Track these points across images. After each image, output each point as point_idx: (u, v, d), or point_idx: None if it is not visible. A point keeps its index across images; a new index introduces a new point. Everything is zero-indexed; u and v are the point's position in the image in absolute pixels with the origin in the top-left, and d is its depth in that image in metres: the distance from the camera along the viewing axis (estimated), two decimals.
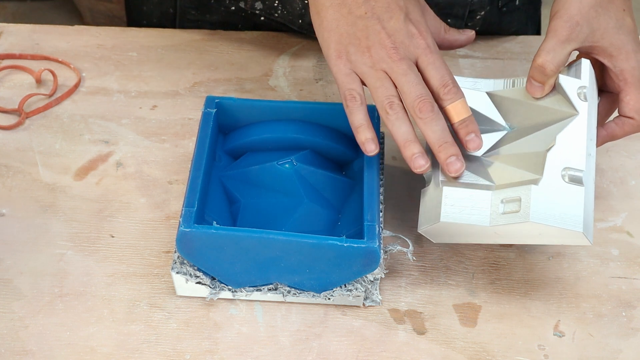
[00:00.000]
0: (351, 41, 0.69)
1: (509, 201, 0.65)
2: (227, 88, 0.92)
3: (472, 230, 0.67)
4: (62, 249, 0.75)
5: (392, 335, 0.70)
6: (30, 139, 0.86)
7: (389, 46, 0.68)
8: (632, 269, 0.75)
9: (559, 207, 0.64)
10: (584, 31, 0.69)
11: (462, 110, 0.68)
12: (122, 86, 0.93)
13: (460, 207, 0.67)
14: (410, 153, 0.68)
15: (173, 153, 0.85)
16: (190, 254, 0.68)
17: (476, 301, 0.72)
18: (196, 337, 0.69)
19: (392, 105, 0.67)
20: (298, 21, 0.95)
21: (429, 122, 0.67)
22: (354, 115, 0.69)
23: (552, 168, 0.65)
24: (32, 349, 0.68)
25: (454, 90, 0.68)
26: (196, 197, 0.68)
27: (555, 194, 0.64)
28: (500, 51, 0.98)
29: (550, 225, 0.63)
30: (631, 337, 0.70)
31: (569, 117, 0.68)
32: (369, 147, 0.69)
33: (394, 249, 0.71)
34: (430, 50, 0.69)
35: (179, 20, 1.01)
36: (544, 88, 0.70)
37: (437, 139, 0.67)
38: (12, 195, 0.80)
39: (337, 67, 0.69)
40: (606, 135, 0.74)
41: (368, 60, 0.68)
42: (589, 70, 0.71)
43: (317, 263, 0.67)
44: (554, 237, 0.65)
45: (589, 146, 0.67)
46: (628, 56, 0.70)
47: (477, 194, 0.67)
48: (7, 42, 0.97)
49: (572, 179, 0.65)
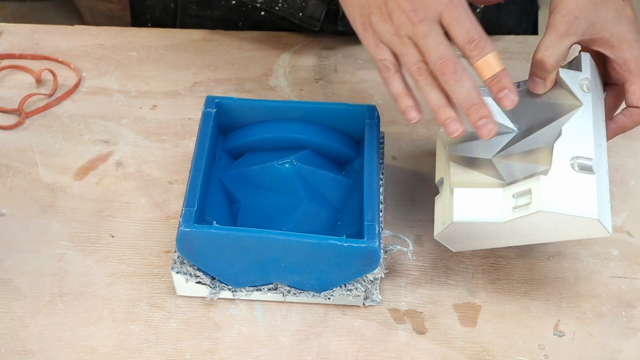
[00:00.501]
0: (372, 10, 0.67)
1: (520, 195, 0.64)
2: (227, 88, 0.92)
3: (488, 230, 0.66)
4: (62, 249, 0.75)
5: (392, 335, 0.70)
6: (30, 138, 0.86)
7: (408, 9, 0.65)
8: (632, 269, 0.75)
9: (571, 195, 0.62)
10: (583, 24, 0.69)
11: (491, 65, 0.64)
12: (122, 86, 0.93)
13: (473, 206, 0.66)
14: (443, 117, 0.65)
15: (173, 153, 0.85)
16: (190, 254, 0.68)
17: (476, 301, 0.72)
18: (196, 336, 0.69)
19: (420, 71, 0.65)
20: (299, 14, 0.95)
21: (453, 84, 0.64)
22: (390, 85, 0.67)
23: (561, 158, 0.64)
24: (32, 349, 0.68)
25: (481, 45, 0.63)
26: (196, 197, 0.68)
27: (566, 183, 0.63)
28: (501, 51, 0.98)
29: (564, 213, 0.62)
30: (631, 337, 0.70)
31: (573, 109, 0.68)
32: (410, 115, 0.67)
33: (394, 249, 0.71)
34: (453, 5, 0.64)
35: (180, 15, 1.01)
36: (546, 84, 0.69)
37: (465, 101, 0.64)
38: (12, 195, 0.80)
39: (366, 39, 0.68)
40: (616, 127, 0.73)
41: (391, 27, 0.66)
42: (590, 62, 0.71)
43: (317, 263, 0.67)
44: (570, 229, 0.64)
45: (597, 136, 0.67)
46: (630, 46, 0.70)
47: (488, 192, 0.66)
48: (7, 42, 0.97)
49: (582, 167, 0.64)
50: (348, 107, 0.77)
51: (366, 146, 0.74)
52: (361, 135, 0.77)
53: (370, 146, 0.74)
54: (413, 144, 0.86)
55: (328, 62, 0.96)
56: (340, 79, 0.94)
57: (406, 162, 0.84)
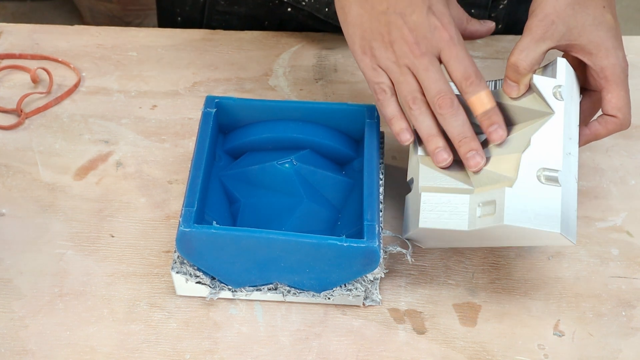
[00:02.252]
0: (374, 37, 0.69)
1: (485, 204, 0.65)
2: (227, 88, 0.92)
3: (455, 235, 0.67)
4: (62, 249, 0.75)
5: (392, 335, 0.70)
6: (30, 138, 0.86)
7: (411, 41, 0.68)
8: (632, 268, 0.75)
9: (534, 208, 0.63)
10: (560, 29, 0.68)
11: (484, 102, 0.68)
12: (122, 86, 0.93)
13: (439, 212, 0.67)
14: (433, 147, 0.69)
15: (173, 153, 0.85)
16: (190, 254, 0.68)
17: (476, 301, 0.72)
18: (196, 336, 0.69)
19: (415, 100, 0.69)
20: (325, 9, 0.96)
21: (449, 118, 0.68)
22: (385, 108, 0.71)
23: (527, 169, 0.65)
24: (32, 348, 0.68)
25: (476, 82, 0.68)
26: (196, 197, 0.68)
27: (530, 195, 0.64)
28: (500, 51, 0.98)
29: (526, 227, 0.63)
30: (631, 336, 0.70)
31: (545, 117, 0.68)
32: (404, 137, 0.71)
33: (394, 249, 0.71)
34: (453, 43, 0.68)
35: (207, 11, 1.02)
36: (519, 87, 0.69)
37: (457, 134, 0.68)
38: (12, 195, 0.80)
39: (363, 62, 0.71)
40: (590, 134, 0.73)
41: (391, 55, 0.69)
42: (566, 68, 0.70)
43: (317, 263, 0.67)
44: (536, 238, 0.65)
45: (567, 145, 0.67)
46: (608, 53, 0.69)
47: (455, 198, 0.67)
48: (7, 42, 0.98)
49: (547, 179, 0.65)
50: (348, 107, 0.77)
51: (366, 146, 0.74)
52: (361, 135, 0.77)
53: (370, 146, 0.74)
54: None
55: (328, 62, 0.96)
56: (340, 79, 0.94)
57: (406, 162, 0.83)
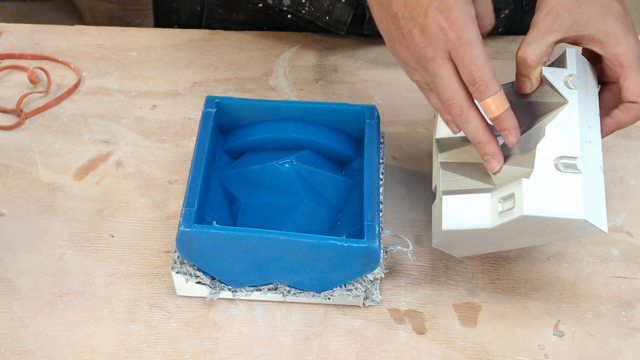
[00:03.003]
0: (395, 40, 0.69)
1: (506, 199, 0.64)
2: (227, 88, 0.92)
3: (480, 236, 0.66)
4: (62, 249, 0.75)
5: (392, 335, 0.70)
6: (30, 138, 0.86)
7: (421, 46, 0.66)
8: (632, 269, 0.75)
9: (555, 197, 0.62)
10: (566, 22, 0.68)
11: (491, 109, 0.66)
12: (122, 86, 0.92)
13: (461, 213, 0.66)
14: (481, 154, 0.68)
15: (173, 153, 0.85)
16: (190, 254, 0.68)
17: (476, 301, 0.72)
18: (196, 337, 0.69)
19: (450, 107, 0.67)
20: (325, 18, 0.95)
21: (462, 124, 0.67)
22: (430, 101, 0.70)
23: (544, 159, 0.64)
24: (32, 348, 0.68)
25: (482, 89, 0.65)
26: (196, 197, 0.68)
27: (550, 184, 0.63)
28: (500, 51, 0.98)
29: (547, 216, 0.62)
30: (631, 337, 0.70)
31: (559, 107, 0.67)
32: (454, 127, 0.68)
33: (394, 249, 0.71)
34: (460, 43, 0.64)
35: (205, 19, 1.01)
36: (532, 82, 0.69)
37: (472, 139, 0.67)
38: (12, 195, 0.80)
39: (397, 60, 0.70)
40: (612, 122, 0.72)
41: (412, 58, 0.68)
42: (576, 57, 0.69)
43: (317, 263, 0.67)
44: (562, 230, 0.64)
45: (586, 133, 0.66)
46: (618, 40, 0.69)
47: (476, 198, 0.66)
48: (7, 42, 0.97)
49: (566, 167, 0.64)
50: (348, 107, 0.77)
51: (366, 146, 0.74)
52: (361, 135, 0.77)
53: (370, 146, 0.74)
54: (413, 144, 0.86)
55: (328, 62, 0.96)
56: (340, 79, 0.94)
57: (406, 162, 0.84)
